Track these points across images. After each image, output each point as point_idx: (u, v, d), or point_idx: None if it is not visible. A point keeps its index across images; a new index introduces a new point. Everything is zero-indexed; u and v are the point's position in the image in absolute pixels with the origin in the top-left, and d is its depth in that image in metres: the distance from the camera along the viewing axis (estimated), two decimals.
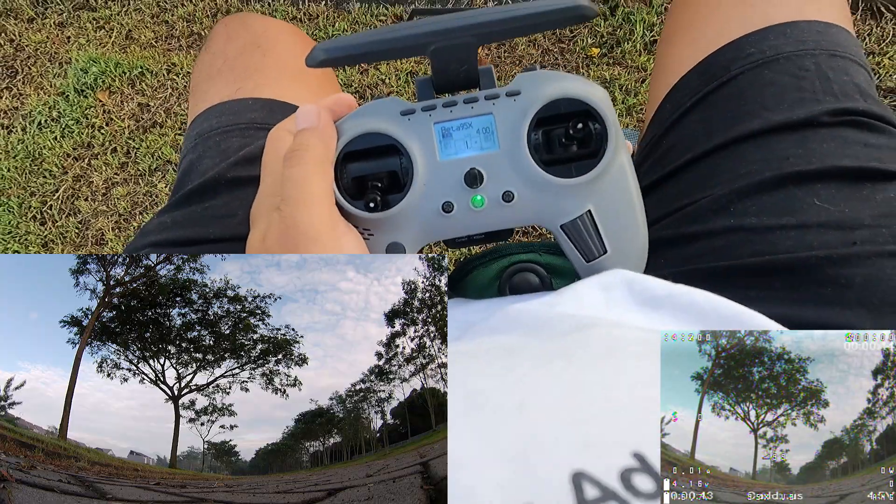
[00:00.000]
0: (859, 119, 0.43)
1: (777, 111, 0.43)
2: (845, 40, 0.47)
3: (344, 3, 1.72)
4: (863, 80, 0.45)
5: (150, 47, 1.75)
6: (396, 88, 1.54)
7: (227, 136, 0.53)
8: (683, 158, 0.46)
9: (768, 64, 0.45)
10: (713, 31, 0.49)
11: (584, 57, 1.54)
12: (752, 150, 0.43)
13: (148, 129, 1.58)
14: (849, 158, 0.40)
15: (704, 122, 0.46)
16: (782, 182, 0.41)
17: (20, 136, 1.61)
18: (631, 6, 1.58)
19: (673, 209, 0.45)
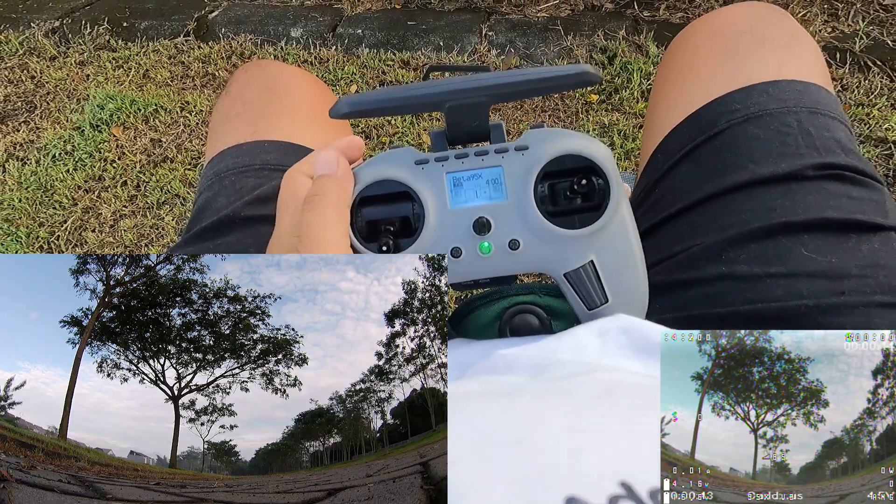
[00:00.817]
0: (842, 173, 0.45)
1: (763, 164, 0.45)
2: (825, 98, 0.50)
3: (353, 48, 1.78)
4: (843, 136, 0.48)
5: (165, 86, 1.80)
6: (401, 129, 1.58)
7: (242, 175, 0.55)
8: (675, 207, 0.48)
9: (753, 120, 0.48)
10: (701, 88, 0.52)
11: (583, 103, 1.59)
12: (740, 200, 0.45)
13: (158, 164, 1.62)
14: (833, 210, 0.42)
15: (694, 172, 0.49)
16: (771, 232, 0.42)
17: (34, 168, 1.65)
18: (628, 56, 1.64)
19: (666, 256, 0.46)
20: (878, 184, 0.45)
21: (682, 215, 0.47)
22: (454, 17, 1.84)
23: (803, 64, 0.52)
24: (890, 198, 0.45)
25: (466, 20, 1.81)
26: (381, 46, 1.77)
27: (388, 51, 1.75)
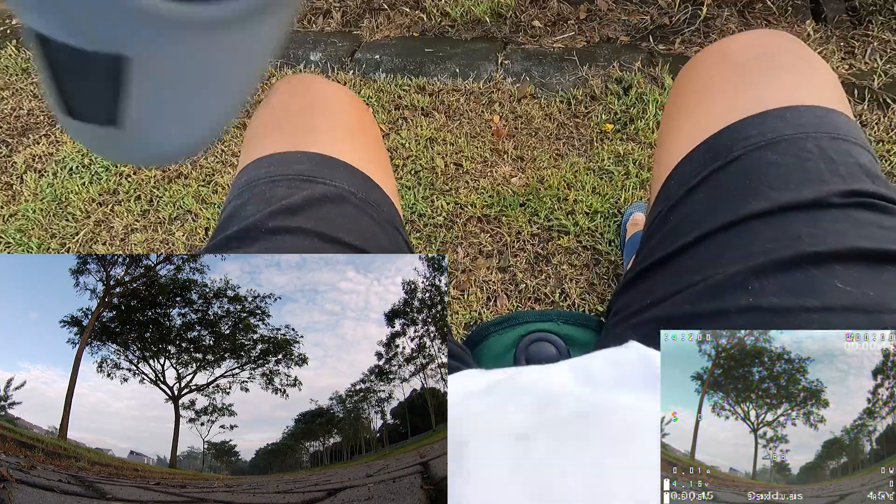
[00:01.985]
0: (870, 201, 0.42)
1: (783, 191, 0.43)
2: (845, 123, 0.47)
3: (370, 72, 1.82)
4: (867, 162, 0.45)
5: None
6: (415, 153, 1.59)
7: (274, 185, 0.54)
8: (692, 235, 0.46)
9: (770, 146, 0.46)
10: (714, 114, 0.50)
11: (598, 132, 1.59)
12: (762, 228, 0.43)
13: (173, 180, 1.65)
14: (865, 240, 0.40)
15: (711, 200, 0.46)
16: (799, 262, 0.40)
17: (50, 181, 1.69)
18: (644, 88, 1.65)
19: (685, 285, 0.44)
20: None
21: (700, 244, 0.45)
22: (470, 45, 1.86)
23: (819, 89, 0.50)
24: None
25: (483, 49, 1.83)
26: (398, 72, 1.80)
27: (405, 76, 1.78)
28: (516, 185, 1.49)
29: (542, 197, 1.45)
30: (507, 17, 1.90)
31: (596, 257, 1.34)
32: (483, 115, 1.67)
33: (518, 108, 1.67)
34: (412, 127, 1.66)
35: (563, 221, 1.39)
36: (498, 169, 1.53)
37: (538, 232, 1.39)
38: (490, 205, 1.45)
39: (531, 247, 1.37)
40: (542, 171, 1.51)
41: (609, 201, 1.42)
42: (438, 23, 1.93)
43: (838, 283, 0.39)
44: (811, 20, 1.75)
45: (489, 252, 1.37)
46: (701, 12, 1.79)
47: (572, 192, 1.45)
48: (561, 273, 1.32)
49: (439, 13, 1.95)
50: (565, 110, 1.65)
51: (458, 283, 1.33)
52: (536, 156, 1.55)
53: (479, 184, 1.50)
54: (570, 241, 1.36)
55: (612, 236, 1.37)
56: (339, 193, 0.55)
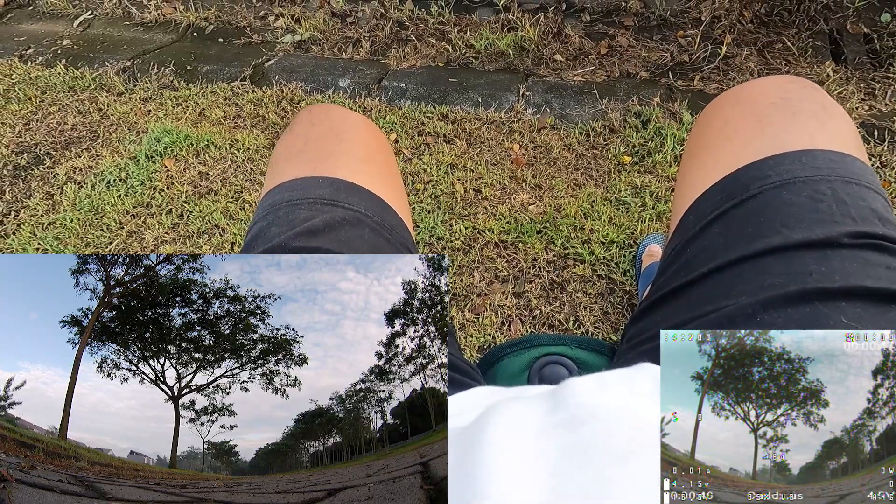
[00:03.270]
0: (880, 243, 0.44)
1: (796, 230, 0.45)
2: (859, 168, 0.49)
3: (396, 99, 1.89)
4: (880, 206, 0.47)
5: (218, 124, 1.93)
6: (436, 177, 1.62)
7: (296, 208, 0.57)
8: (707, 266, 0.47)
9: (785, 186, 0.47)
10: (732, 154, 0.52)
11: (616, 163, 1.61)
12: (773, 263, 0.44)
13: (203, 195, 1.70)
14: (872, 280, 0.41)
15: (726, 234, 0.48)
16: (807, 297, 0.41)
17: (89, 192, 1.75)
18: (662, 122, 1.67)
19: (697, 315, 0.45)
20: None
21: (713, 275, 0.47)
22: (493, 76, 1.91)
23: (836, 135, 0.51)
24: None
25: (505, 80, 1.88)
26: (423, 100, 1.86)
27: (429, 104, 1.84)
28: (534, 213, 1.51)
29: (559, 225, 1.46)
30: (529, 50, 1.95)
31: (611, 286, 1.35)
32: (503, 144, 1.70)
33: (538, 137, 1.70)
34: (434, 153, 1.69)
35: (579, 250, 1.41)
36: (516, 196, 1.56)
37: (554, 259, 1.41)
38: (507, 231, 1.47)
39: (546, 273, 1.38)
40: (560, 199, 1.53)
41: (625, 232, 1.44)
42: (463, 54, 1.99)
43: (844, 319, 0.40)
44: (831, 61, 1.76)
45: (505, 277, 1.39)
46: (720, 51, 1.81)
47: (589, 221, 1.47)
48: (575, 301, 1.33)
49: (464, 45, 2.01)
50: (584, 141, 1.68)
51: (473, 307, 1.34)
52: (554, 185, 1.57)
53: (498, 210, 1.53)
54: (585, 270, 1.37)
55: (627, 266, 1.38)
56: (356, 217, 0.58)
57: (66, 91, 2.13)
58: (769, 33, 1.87)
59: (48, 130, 1.98)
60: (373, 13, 2.18)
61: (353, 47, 2.10)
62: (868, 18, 1.86)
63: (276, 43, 2.18)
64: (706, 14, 1.92)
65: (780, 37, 1.85)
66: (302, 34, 2.18)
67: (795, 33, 1.85)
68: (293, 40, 2.17)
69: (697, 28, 1.89)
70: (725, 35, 1.85)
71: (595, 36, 1.98)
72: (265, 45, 2.20)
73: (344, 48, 2.10)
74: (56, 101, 2.09)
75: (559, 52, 1.93)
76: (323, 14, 2.21)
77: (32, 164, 1.87)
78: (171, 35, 2.34)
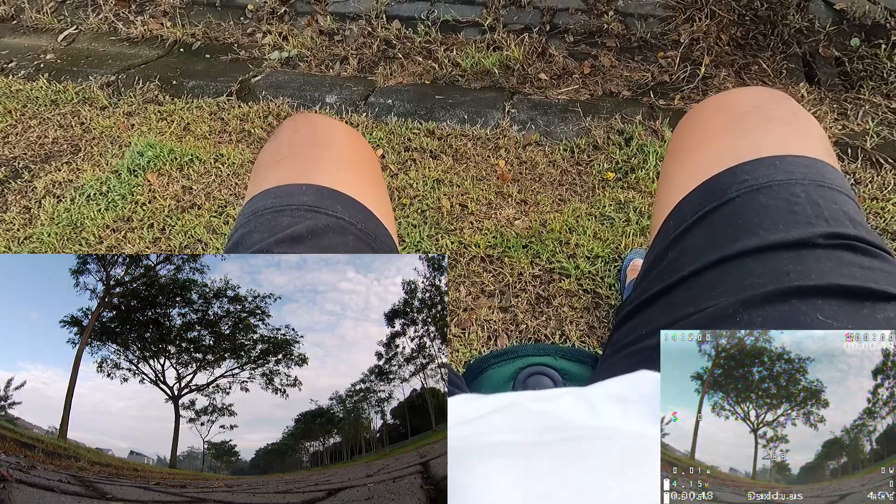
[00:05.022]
0: (852, 243, 0.46)
1: (773, 231, 0.47)
2: (830, 173, 0.52)
3: (383, 116, 1.92)
4: (851, 209, 0.49)
5: (203, 139, 1.92)
6: (422, 192, 1.63)
7: (279, 214, 0.57)
8: (688, 269, 0.49)
9: (762, 189, 0.50)
10: (711, 160, 0.54)
11: (600, 179, 1.64)
12: (752, 263, 0.46)
13: (186, 210, 1.69)
14: (846, 278, 0.43)
15: (706, 237, 0.50)
16: (785, 296, 0.43)
17: (67, 206, 1.73)
18: (644, 139, 1.71)
19: (680, 316, 0.47)
20: (889, 255, 0.47)
21: (695, 277, 0.48)
22: (479, 94, 1.95)
23: (809, 141, 0.54)
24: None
25: (491, 97, 1.93)
26: (409, 116, 1.89)
27: (416, 120, 1.87)
28: (519, 228, 1.52)
29: (545, 240, 1.48)
30: (514, 69, 2.00)
31: (596, 301, 1.37)
32: (489, 160, 1.72)
33: (523, 154, 1.73)
34: (420, 168, 1.71)
35: (565, 264, 1.42)
36: (502, 211, 1.58)
37: (540, 274, 1.42)
38: (493, 245, 1.48)
39: (532, 288, 1.40)
40: (545, 214, 1.55)
41: (610, 246, 1.46)
42: (449, 72, 2.03)
43: (820, 316, 0.41)
44: (805, 82, 1.84)
45: (491, 292, 1.40)
46: (700, 72, 1.88)
47: (574, 236, 1.48)
48: (561, 315, 1.34)
49: (450, 63, 2.05)
50: (568, 158, 1.71)
51: (459, 322, 1.35)
52: (540, 200, 1.59)
53: (484, 225, 1.54)
54: (570, 284, 1.39)
55: (612, 281, 1.40)
56: (340, 224, 0.58)
57: (47, 105, 2.11)
58: (745, 55, 1.95)
59: (28, 144, 1.96)
60: (360, 31, 2.22)
61: (340, 64, 2.14)
62: (839, 42, 1.94)
63: (264, 59, 2.21)
64: (685, 36, 2.00)
65: (756, 59, 1.92)
66: (289, 51, 2.22)
67: (770, 56, 1.93)
68: (280, 57, 2.20)
69: (677, 50, 1.97)
70: (704, 57, 1.93)
71: (578, 56, 2.04)
72: (252, 62, 2.22)
73: (331, 65, 2.14)
74: (37, 115, 2.07)
75: (543, 72, 1.99)
76: (311, 32, 2.26)
77: (10, 178, 1.84)
78: (158, 50, 2.34)
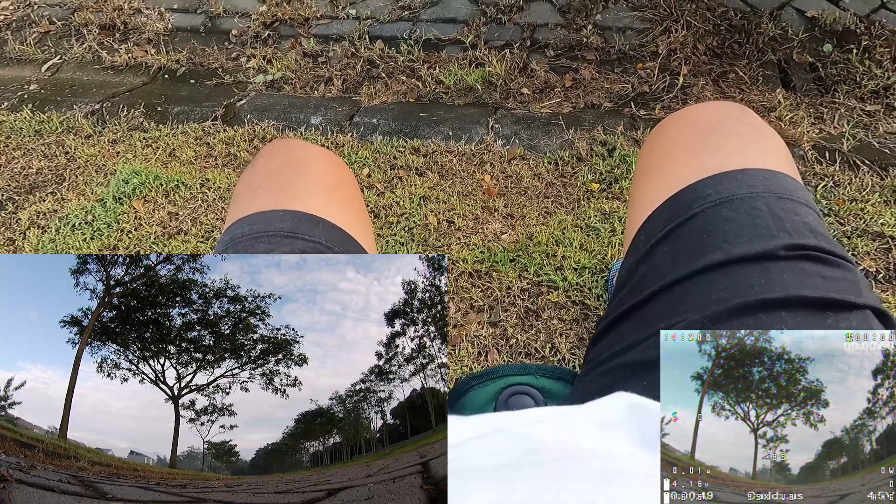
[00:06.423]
0: (814, 254, 0.47)
1: (737, 244, 0.48)
2: (791, 185, 0.53)
3: (368, 135, 1.92)
4: (812, 220, 0.51)
5: (189, 164, 1.91)
6: (409, 210, 1.63)
7: (256, 241, 0.57)
8: (658, 284, 0.50)
9: (725, 203, 0.51)
10: (676, 175, 0.56)
11: (584, 191, 1.65)
12: (718, 278, 0.47)
13: (172, 236, 1.68)
14: (809, 289, 0.44)
15: (673, 252, 0.51)
16: (750, 309, 0.44)
17: (52, 236, 1.72)
18: (627, 149, 1.74)
19: (651, 333, 0.48)
20: (849, 264, 0.48)
21: (664, 293, 0.49)
22: (463, 110, 1.98)
23: (768, 154, 0.55)
24: (863, 278, 0.48)
25: (474, 113, 1.95)
26: (394, 134, 1.90)
27: (401, 138, 1.88)
28: (506, 242, 1.53)
29: (532, 253, 1.49)
30: (497, 84, 2.04)
31: (585, 312, 1.37)
32: (475, 175, 1.73)
33: (508, 168, 1.74)
34: (407, 186, 1.71)
35: (553, 277, 1.43)
36: (489, 226, 1.58)
37: (528, 287, 1.43)
38: (481, 260, 1.49)
39: (521, 302, 1.40)
40: (532, 228, 1.56)
41: (596, 257, 1.47)
42: (433, 90, 2.06)
43: (785, 328, 0.42)
44: (781, 89, 1.88)
45: (480, 307, 1.40)
46: (678, 81, 1.93)
47: (560, 248, 1.49)
48: (551, 328, 1.35)
49: (434, 81, 2.08)
50: (553, 171, 1.72)
51: (449, 339, 1.35)
52: (526, 213, 1.60)
53: (471, 240, 1.54)
54: (559, 296, 1.39)
55: (599, 291, 1.40)
56: (318, 249, 0.58)
57: (31, 135, 2.10)
58: (722, 64, 1.99)
59: (11, 175, 1.95)
60: (344, 52, 2.24)
61: (324, 85, 2.16)
62: (812, 49, 1.99)
63: (248, 83, 2.21)
64: (663, 47, 2.04)
65: (733, 67, 1.97)
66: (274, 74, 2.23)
67: (746, 63, 1.97)
68: (265, 80, 2.21)
69: (655, 61, 2.01)
70: (682, 67, 1.97)
71: (559, 70, 2.08)
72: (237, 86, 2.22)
73: (316, 86, 2.16)
74: (21, 146, 2.05)
75: (526, 86, 2.02)
76: (294, 54, 2.28)
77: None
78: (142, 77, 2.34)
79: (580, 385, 0.52)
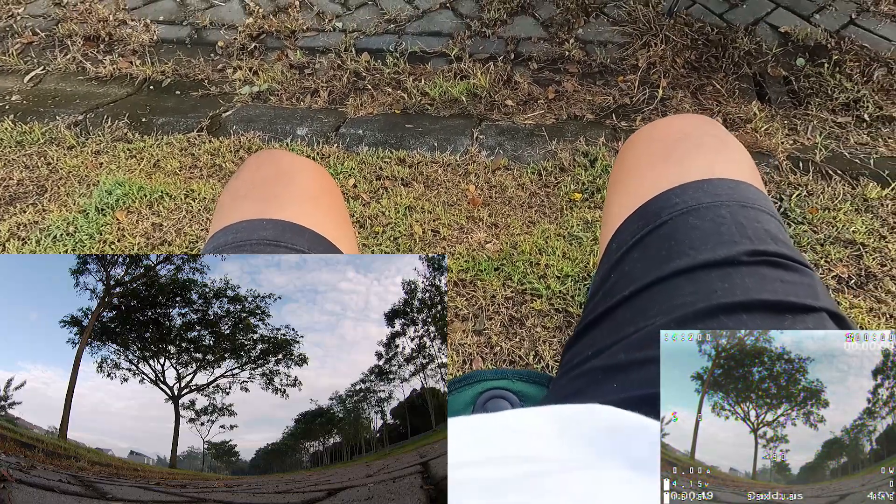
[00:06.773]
0: (774, 259, 0.49)
1: (702, 251, 0.50)
2: (753, 194, 0.56)
3: (353, 146, 1.94)
4: (773, 227, 0.53)
5: (173, 175, 1.89)
6: (394, 220, 1.65)
7: (239, 250, 0.58)
8: (628, 290, 0.52)
9: (691, 212, 0.54)
10: (646, 186, 0.59)
11: (567, 200, 1.67)
12: (684, 283, 0.49)
13: (156, 247, 1.67)
14: (769, 293, 0.46)
15: (642, 259, 0.54)
16: (713, 312, 0.46)
17: (32, 248, 1.70)
18: (608, 160, 1.77)
19: (621, 336, 0.50)
20: (807, 269, 0.50)
21: (634, 298, 0.51)
22: (448, 121, 2.02)
23: (732, 164, 0.58)
24: (820, 282, 0.50)
25: (459, 125, 1.99)
26: (380, 145, 1.93)
27: (387, 149, 1.91)
28: (491, 251, 1.55)
29: (516, 262, 1.50)
30: (481, 96, 2.08)
31: (568, 319, 1.39)
32: (459, 185, 1.75)
33: (492, 178, 1.76)
34: (392, 196, 1.73)
35: (536, 285, 1.44)
36: (473, 235, 1.60)
37: (512, 295, 1.44)
38: (466, 269, 1.50)
39: (505, 310, 1.42)
40: (516, 237, 1.57)
41: (579, 265, 1.49)
42: (418, 101, 2.09)
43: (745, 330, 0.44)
44: (757, 101, 1.95)
45: (465, 315, 1.41)
46: (658, 93, 1.99)
47: (544, 256, 1.51)
48: (535, 335, 1.36)
49: (419, 93, 2.11)
50: (536, 181, 1.75)
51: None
52: (510, 223, 1.62)
53: (456, 249, 1.56)
54: (542, 304, 1.41)
55: (582, 299, 1.42)
56: None
57: (12, 146, 2.07)
58: (700, 77, 2.07)
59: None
60: (330, 64, 2.26)
61: (311, 97, 2.17)
62: (786, 63, 2.07)
63: (234, 94, 2.21)
64: (643, 61, 2.11)
65: (710, 80, 2.04)
66: (260, 85, 2.25)
67: (723, 77, 2.04)
68: (251, 91, 2.22)
69: (636, 74, 2.08)
70: (661, 79, 2.04)
71: (543, 82, 2.13)
72: (223, 97, 2.22)
73: (302, 98, 2.18)
74: (2, 157, 2.03)
75: (510, 98, 2.07)
76: (281, 66, 2.30)
77: None
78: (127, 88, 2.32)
79: (555, 388, 0.53)
